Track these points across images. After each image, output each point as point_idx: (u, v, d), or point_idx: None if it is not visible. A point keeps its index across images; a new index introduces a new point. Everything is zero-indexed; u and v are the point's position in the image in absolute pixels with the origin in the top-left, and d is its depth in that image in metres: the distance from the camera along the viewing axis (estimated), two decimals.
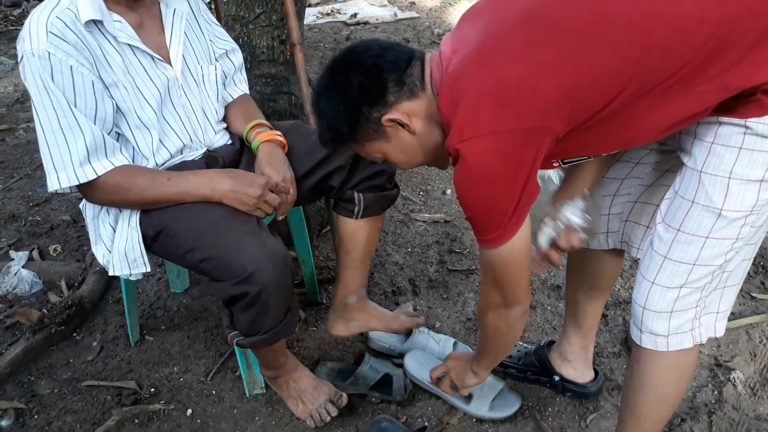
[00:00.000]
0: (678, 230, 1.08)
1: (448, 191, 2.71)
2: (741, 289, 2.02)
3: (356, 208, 1.62)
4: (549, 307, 2.02)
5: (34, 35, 1.25)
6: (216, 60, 1.60)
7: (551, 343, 1.71)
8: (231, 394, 1.73)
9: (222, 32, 1.66)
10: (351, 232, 1.67)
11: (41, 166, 1.38)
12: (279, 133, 1.56)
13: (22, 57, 1.28)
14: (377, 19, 5.42)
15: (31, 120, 3.46)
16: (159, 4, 1.46)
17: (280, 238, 1.40)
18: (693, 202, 1.05)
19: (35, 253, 2.25)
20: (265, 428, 1.64)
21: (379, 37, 4.98)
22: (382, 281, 2.15)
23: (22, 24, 1.31)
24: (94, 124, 1.31)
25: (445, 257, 2.28)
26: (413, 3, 6.14)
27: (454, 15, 5.67)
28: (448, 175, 2.84)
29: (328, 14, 5.64)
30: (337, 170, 1.56)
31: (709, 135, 1.03)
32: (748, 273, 2.11)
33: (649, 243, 1.16)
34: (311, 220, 2.15)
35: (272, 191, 1.43)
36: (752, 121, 0.98)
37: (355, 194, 1.60)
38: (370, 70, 1.13)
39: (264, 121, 1.59)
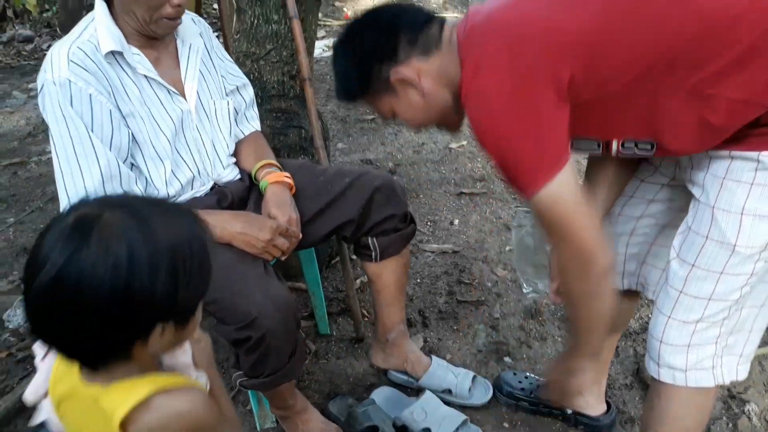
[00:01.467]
0: (693, 265, 1.08)
1: (456, 221, 2.72)
2: None
3: (373, 253, 1.65)
4: (560, 339, 2.02)
5: (56, 64, 1.29)
6: (227, 95, 1.63)
7: None
8: (243, 428, 1.72)
9: (234, 68, 1.70)
10: (376, 274, 1.70)
11: (53, 198, 1.41)
12: (287, 174, 1.58)
13: (42, 86, 1.31)
14: None
15: (42, 153, 3.51)
16: (175, 40, 1.50)
17: (285, 283, 1.42)
18: (707, 237, 1.06)
19: None
20: None
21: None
22: None
23: (35, 59, 1.35)
24: (110, 151, 1.33)
25: (454, 288, 2.28)
26: None
27: None
28: (455, 205, 2.86)
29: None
30: (348, 223, 1.59)
31: (720, 170, 1.04)
32: None
33: (665, 278, 1.16)
34: (320, 252, 2.16)
35: (281, 234, 1.45)
36: (765, 155, 0.99)
37: (370, 240, 1.63)
38: (384, 28, 1.15)
39: (273, 161, 1.61)
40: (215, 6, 3.30)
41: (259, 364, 1.37)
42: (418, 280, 2.34)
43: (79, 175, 1.30)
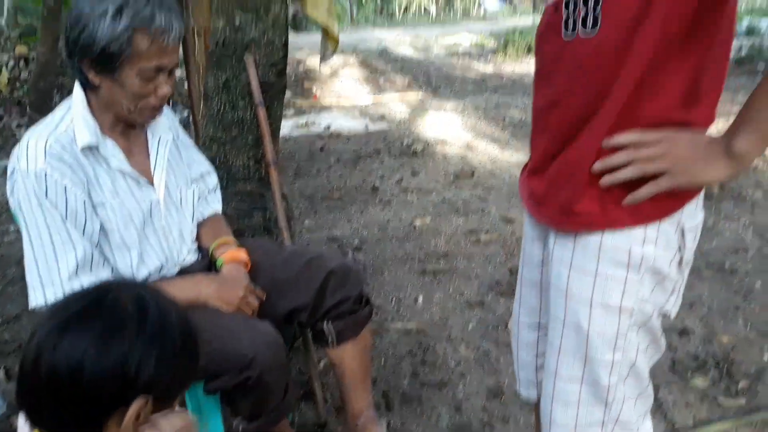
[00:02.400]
0: (558, 350, 1.11)
1: (420, 299, 2.75)
2: (707, 395, 2.08)
3: (329, 338, 1.65)
4: (522, 420, 2.01)
5: (32, 156, 1.30)
6: (192, 183, 1.66)
7: None
8: None
9: (199, 156, 1.74)
10: (337, 359, 1.70)
11: (11, 281, 1.40)
12: (243, 252, 1.60)
13: (13, 173, 1.32)
14: (349, 131, 5.66)
15: (4, 233, 3.46)
16: (146, 131, 1.54)
17: (267, 321, 1.46)
18: (563, 324, 1.09)
19: (1, 374, 2.19)
20: None
21: (351, 148, 5.19)
22: None
23: (3, 137, 1.37)
24: (83, 238, 1.34)
25: (418, 369, 2.27)
26: (384, 115, 6.44)
27: (423, 126, 5.94)
28: (419, 282, 2.89)
29: (303, 126, 5.88)
30: (302, 308, 1.61)
31: (568, 256, 1.07)
32: (713, 378, 2.18)
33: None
34: (284, 332, 2.15)
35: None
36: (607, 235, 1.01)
37: (325, 326, 1.64)
38: None
39: (230, 239, 1.64)
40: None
41: (260, 403, 1.41)
42: (383, 361, 2.33)
43: (54, 262, 1.31)
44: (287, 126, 5.90)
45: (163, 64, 1.34)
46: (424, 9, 28.95)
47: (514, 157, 4.96)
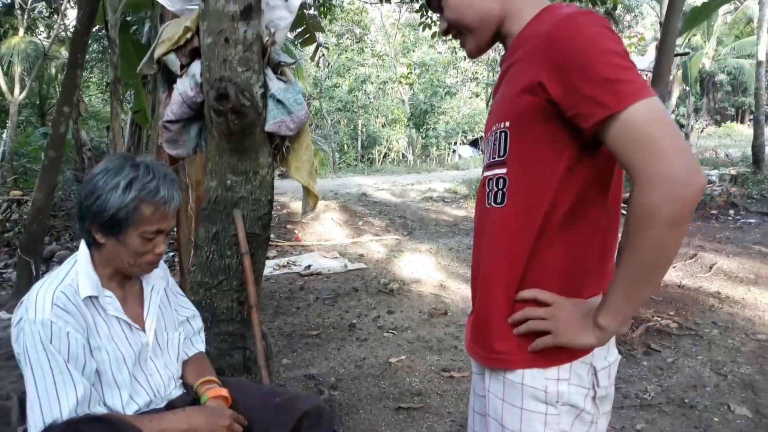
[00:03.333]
0: None
1: None
2: None
3: None
4: None
5: (40, 306, 1.49)
6: (179, 326, 1.85)
7: None
8: None
9: (185, 301, 1.94)
10: None
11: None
12: (225, 390, 1.76)
13: (20, 321, 1.49)
14: (329, 270, 5.89)
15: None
16: (141, 281, 1.75)
17: None
18: None
19: None
20: None
21: (330, 287, 5.40)
22: None
23: None
24: (83, 377, 1.50)
25: None
26: (362, 255, 6.72)
27: (399, 266, 6.21)
28: (394, 420, 2.98)
29: (284, 266, 6.12)
30: None
31: (500, 390, 1.24)
32: None
33: None
34: None
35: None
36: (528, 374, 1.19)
37: None
38: None
39: (213, 378, 1.80)
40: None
41: None
42: None
43: (56, 401, 1.45)
44: (269, 265, 6.14)
45: (162, 228, 1.59)
46: (402, 155, 30.55)
47: None
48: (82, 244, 1.64)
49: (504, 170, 1.22)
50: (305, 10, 6.87)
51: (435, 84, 22.06)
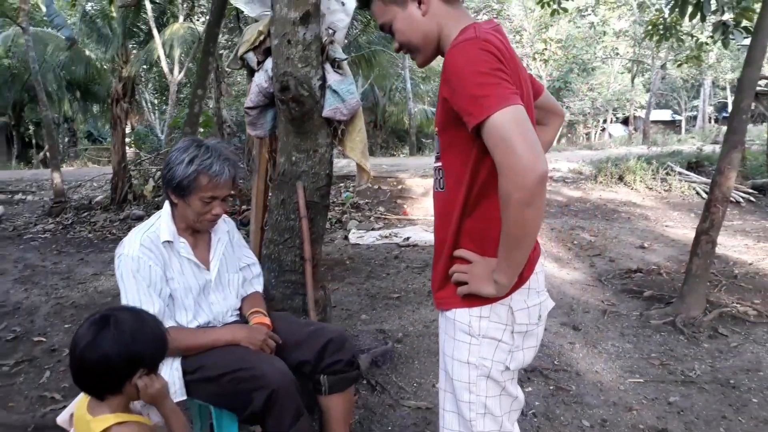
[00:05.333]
0: (443, 390, 1.63)
1: (436, 385, 3.23)
2: None
3: (323, 388, 2.22)
4: None
5: (131, 245, 2.06)
6: (240, 270, 2.38)
7: None
8: None
9: (248, 251, 2.46)
10: (326, 406, 2.25)
11: None
12: (268, 320, 2.26)
13: (120, 256, 2.08)
14: (425, 243, 6.31)
15: None
16: (210, 232, 2.30)
17: (283, 362, 2.05)
18: (444, 372, 1.62)
19: None
20: None
21: (422, 257, 5.81)
22: None
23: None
24: (159, 298, 2.06)
25: None
26: None
27: None
28: None
29: (386, 237, 6.63)
30: (306, 362, 2.20)
31: (444, 324, 1.61)
32: None
33: None
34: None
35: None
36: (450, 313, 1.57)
37: (321, 377, 2.22)
38: None
39: (261, 309, 2.30)
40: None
41: (280, 417, 1.92)
42: (389, 429, 2.83)
43: None
44: (373, 236, 6.69)
45: (216, 195, 2.09)
46: None
47: (570, 275, 5.36)
48: (166, 203, 2.21)
49: (440, 164, 1.59)
50: None
51: (570, 60, 21.32)
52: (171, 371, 2.05)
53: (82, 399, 1.53)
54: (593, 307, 4.51)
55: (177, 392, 2.04)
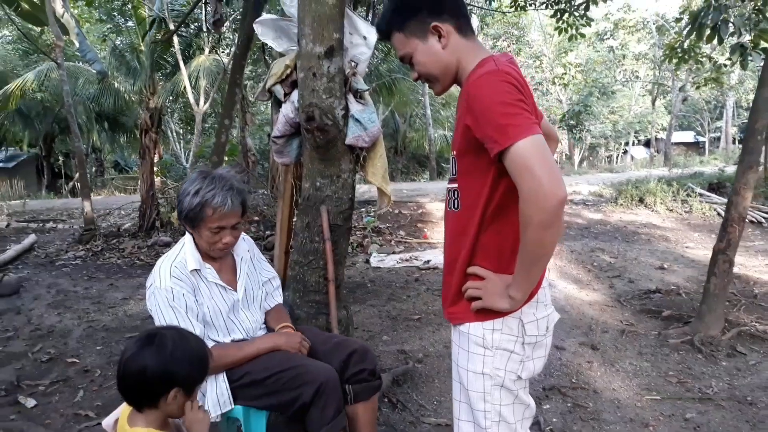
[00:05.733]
0: (458, 401, 1.74)
1: None
2: None
3: (348, 397, 2.34)
4: None
5: (163, 276, 2.19)
6: (263, 285, 2.52)
7: None
8: None
9: (267, 266, 2.61)
10: (352, 413, 2.37)
11: None
12: (298, 333, 2.40)
13: (152, 288, 2.20)
14: None
15: None
16: (233, 254, 2.44)
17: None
18: (459, 383, 1.72)
19: None
20: None
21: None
22: None
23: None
24: (198, 322, 2.20)
25: None
26: None
27: None
28: None
29: (406, 260, 6.74)
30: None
31: (457, 338, 1.72)
32: None
33: None
34: None
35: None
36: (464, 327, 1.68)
37: (347, 387, 2.34)
38: None
39: (289, 324, 2.44)
40: None
41: (324, 410, 2.08)
42: None
43: None
44: (394, 259, 6.82)
45: (223, 225, 2.22)
46: (566, 156, 29.82)
47: (589, 296, 5.41)
48: (187, 232, 2.36)
49: (456, 185, 1.71)
50: None
51: (590, 84, 21.44)
52: (217, 383, 2.19)
53: (125, 407, 1.67)
54: (612, 327, 4.56)
55: (225, 402, 2.18)
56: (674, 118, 21.53)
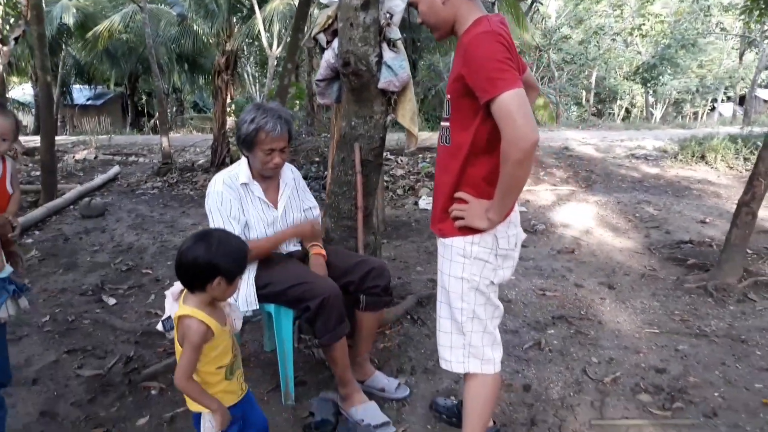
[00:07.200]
0: (439, 301, 2.12)
1: None
2: (642, 403, 2.76)
3: (361, 304, 2.79)
4: None
5: (217, 183, 2.68)
6: (304, 211, 2.97)
7: None
8: (276, 402, 2.87)
9: (309, 196, 3.05)
10: (359, 319, 2.83)
11: None
12: (323, 251, 2.84)
13: (209, 192, 2.70)
14: None
15: None
16: (279, 179, 2.89)
17: (333, 280, 2.64)
18: (441, 286, 2.11)
19: None
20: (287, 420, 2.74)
21: None
22: None
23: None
24: (238, 225, 2.67)
25: None
26: (528, 201, 7.39)
27: (557, 212, 6.79)
28: None
29: None
30: (352, 283, 2.77)
31: (441, 250, 2.09)
32: (658, 398, 2.83)
33: None
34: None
35: None
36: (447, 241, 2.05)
37: (361, 296, 2.78)
38: None
39: (318, 243, 2.89)
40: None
41: (327, 320, 2.47)
42: (422, 352, 3.36)
43: None
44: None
45: (274, 147, 2.64)
46: (650, 111, 28.72)
47: (623, 243, 5.63)
48: (242, 156, 2.82)
49: (448, 123, 2.06)
50: None
51: (668, 36, 20.46)
52: (247, 286, 2.67)
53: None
54: (635, 270, 4.81)
55: (251, 302, 2.66)
56: (759, 73, 20.33)
